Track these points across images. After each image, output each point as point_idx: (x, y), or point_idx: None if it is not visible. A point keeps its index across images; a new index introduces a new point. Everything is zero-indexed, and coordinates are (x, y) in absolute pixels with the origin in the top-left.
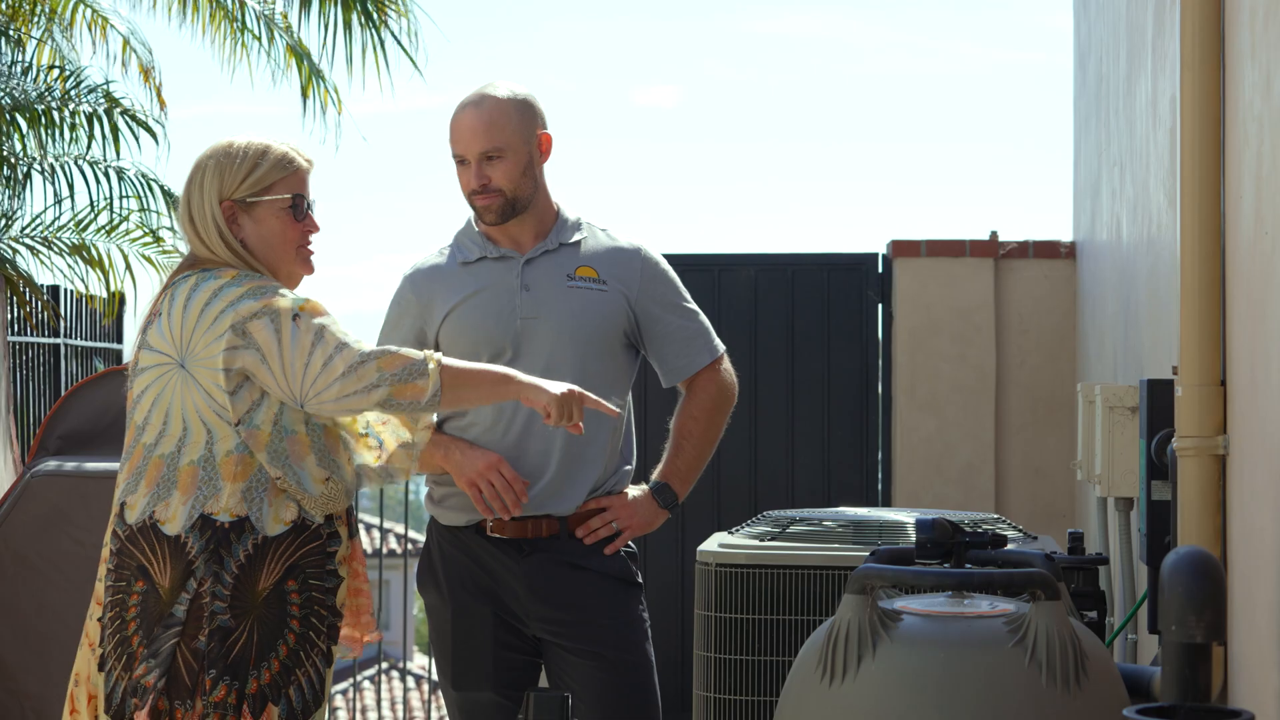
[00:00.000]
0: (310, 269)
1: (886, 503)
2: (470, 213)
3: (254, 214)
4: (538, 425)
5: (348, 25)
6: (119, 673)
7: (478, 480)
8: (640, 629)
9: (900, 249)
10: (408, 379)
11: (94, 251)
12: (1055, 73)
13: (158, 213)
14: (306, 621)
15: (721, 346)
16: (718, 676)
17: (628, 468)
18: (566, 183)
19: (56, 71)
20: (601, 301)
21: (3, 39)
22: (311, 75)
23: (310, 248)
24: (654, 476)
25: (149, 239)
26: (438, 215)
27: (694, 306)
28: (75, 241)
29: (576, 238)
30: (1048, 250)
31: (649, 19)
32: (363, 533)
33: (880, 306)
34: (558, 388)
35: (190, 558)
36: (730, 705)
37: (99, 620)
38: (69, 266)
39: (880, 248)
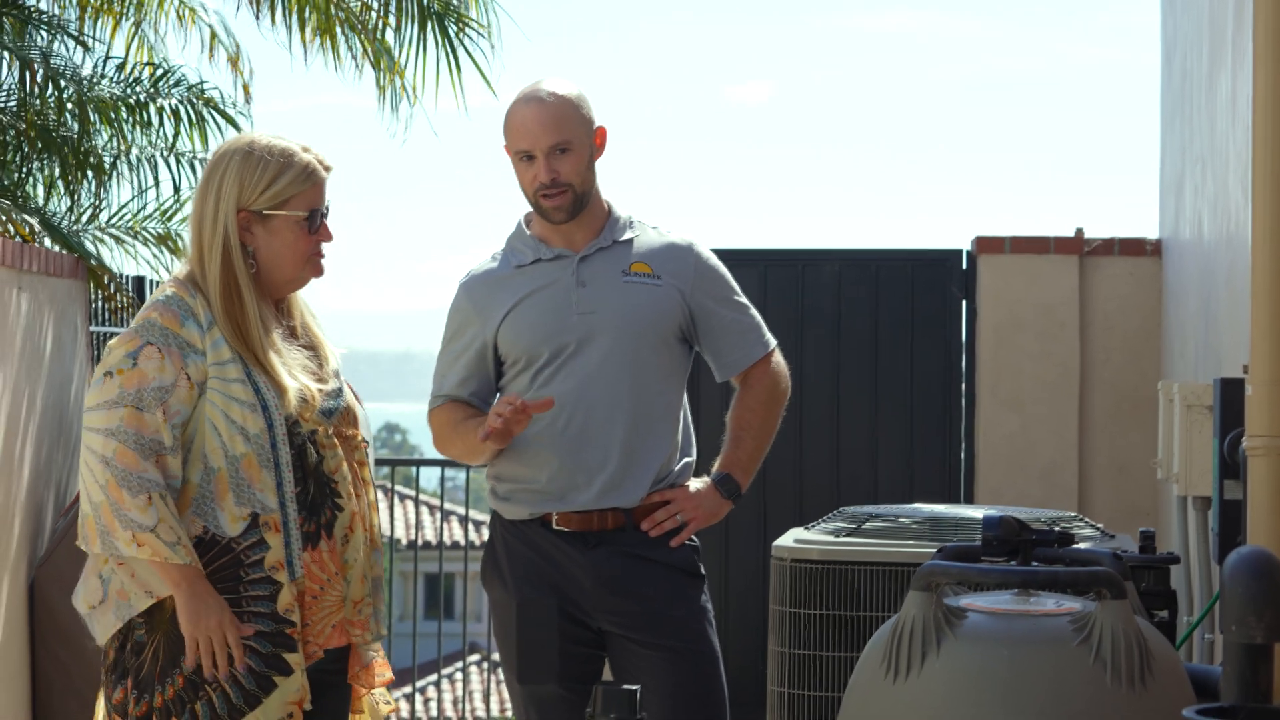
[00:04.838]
0: (319, 273)
1: (969, 500)
2: (520, 216)
3: (269, 226)
4: (598, 419)
5: (422, 43)
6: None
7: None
8: (707, 619)
9: (985, 245)
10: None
11: (180, 241)
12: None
13: None
14: None
15: (773, 340)
16: (792, 671)
17: (689, 460)
18: (650, 179)
19: (144, 65)
20: (657, 296)
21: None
22: (388, 71)
23: (321, 254)
24: (715, 468)
25: None
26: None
27: (745, 300)
28: (160, 231)
29: (629, 235)
30: (1133, 248)
31: (742, 16)
32: (456, 523)
33: (964, 303)
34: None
35: None
36: (803, 701)
37: None
38: (154, 256)
39: (965, 244)
